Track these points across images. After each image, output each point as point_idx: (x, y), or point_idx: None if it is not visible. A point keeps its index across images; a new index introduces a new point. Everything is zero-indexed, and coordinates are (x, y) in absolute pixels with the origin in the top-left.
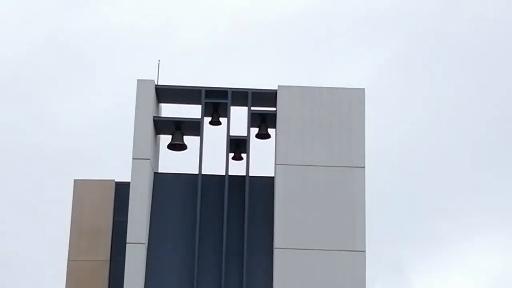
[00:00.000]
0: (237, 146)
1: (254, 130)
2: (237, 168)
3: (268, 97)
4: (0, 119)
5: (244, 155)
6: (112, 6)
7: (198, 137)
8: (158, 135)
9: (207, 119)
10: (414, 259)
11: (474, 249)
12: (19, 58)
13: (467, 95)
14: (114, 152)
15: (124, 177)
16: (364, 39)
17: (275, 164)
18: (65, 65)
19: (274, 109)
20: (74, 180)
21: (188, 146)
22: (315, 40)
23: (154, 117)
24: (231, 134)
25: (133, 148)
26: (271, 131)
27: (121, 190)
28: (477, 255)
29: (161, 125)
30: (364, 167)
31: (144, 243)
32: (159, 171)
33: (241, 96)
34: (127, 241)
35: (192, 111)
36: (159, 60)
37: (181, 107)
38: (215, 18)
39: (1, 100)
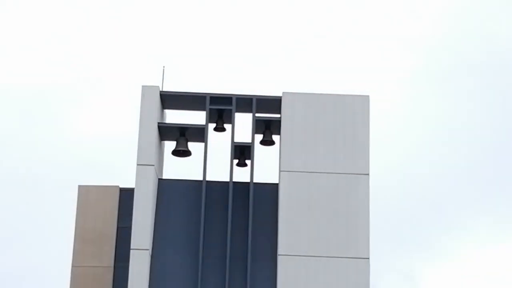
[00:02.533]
0: (242, 153)
1: (259, 137)
2: (241, 175)
3: (273, 103)
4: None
5: (248, 162)
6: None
7: (203, 144)
8: (162, 141)
9: (212, 126)
10: (427, 269)
11: (486, 260)
12: (29, 72)
13: (476, 105)
14: (118, 158)
15: (129, 183)
16: (372, 53)
17: (280, 171)
18: (72, 74)
19: (278, 115)
20: (79, 186)
21: (192, 153)
22: (323, 50)
23: (158, 123)
24: (235, 140)
25: (137, 154)
26: (275, 137)
27: (126, 196)
28: (489, 265)
29: (165, 131)
30: (368, 174)
31: (148, 249)
32: (164, 177)
33: (245, 103)
34: (131, 247)
35: (197, 117)
36: (163, 67)
37: (185, 113)
38: (220, 24)
39: (11, 111)
